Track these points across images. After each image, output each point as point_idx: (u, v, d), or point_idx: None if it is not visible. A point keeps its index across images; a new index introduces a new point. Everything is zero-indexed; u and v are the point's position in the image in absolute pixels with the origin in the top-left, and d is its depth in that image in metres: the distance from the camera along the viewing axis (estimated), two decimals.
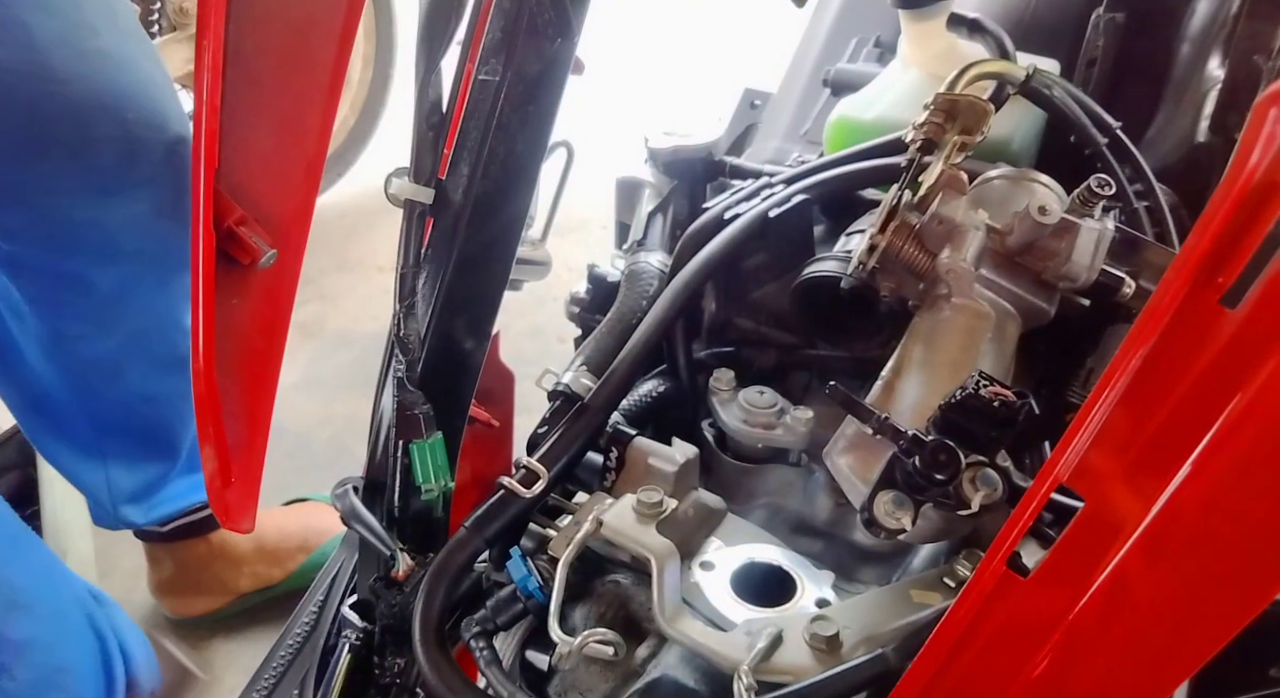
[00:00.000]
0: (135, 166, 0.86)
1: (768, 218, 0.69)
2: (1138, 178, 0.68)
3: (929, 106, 0.60)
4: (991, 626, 0.40)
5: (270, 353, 0.65)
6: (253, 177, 0.60)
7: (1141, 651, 0.39)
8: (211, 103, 0.57)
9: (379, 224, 2.22)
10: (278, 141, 0.61)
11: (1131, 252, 0.58)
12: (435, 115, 0.59)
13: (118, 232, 0.90)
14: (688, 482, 0.61)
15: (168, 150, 0.87)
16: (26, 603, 0.85)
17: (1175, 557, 0.37)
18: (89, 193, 0.86)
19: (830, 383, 0.48)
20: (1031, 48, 0.77)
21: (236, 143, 0.58)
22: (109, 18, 0.83)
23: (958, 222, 0.56)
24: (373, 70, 2.26)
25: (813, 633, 0.49)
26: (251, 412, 0.62)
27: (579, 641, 0.51)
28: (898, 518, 0.46)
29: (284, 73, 0.59)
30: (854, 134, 0.76)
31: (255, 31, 0.57)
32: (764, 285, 0.71)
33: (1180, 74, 0.84)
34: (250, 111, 0.58)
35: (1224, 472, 0.35)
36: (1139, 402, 0.36)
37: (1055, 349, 0.61)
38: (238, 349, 0.62)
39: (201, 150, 0.57)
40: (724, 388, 0.66)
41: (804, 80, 0.99)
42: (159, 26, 2.00)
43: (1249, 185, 0.33)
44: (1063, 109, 0.69)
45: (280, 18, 0.58)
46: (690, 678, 0.52)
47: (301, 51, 0.59)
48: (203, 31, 0.56)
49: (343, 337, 1.87)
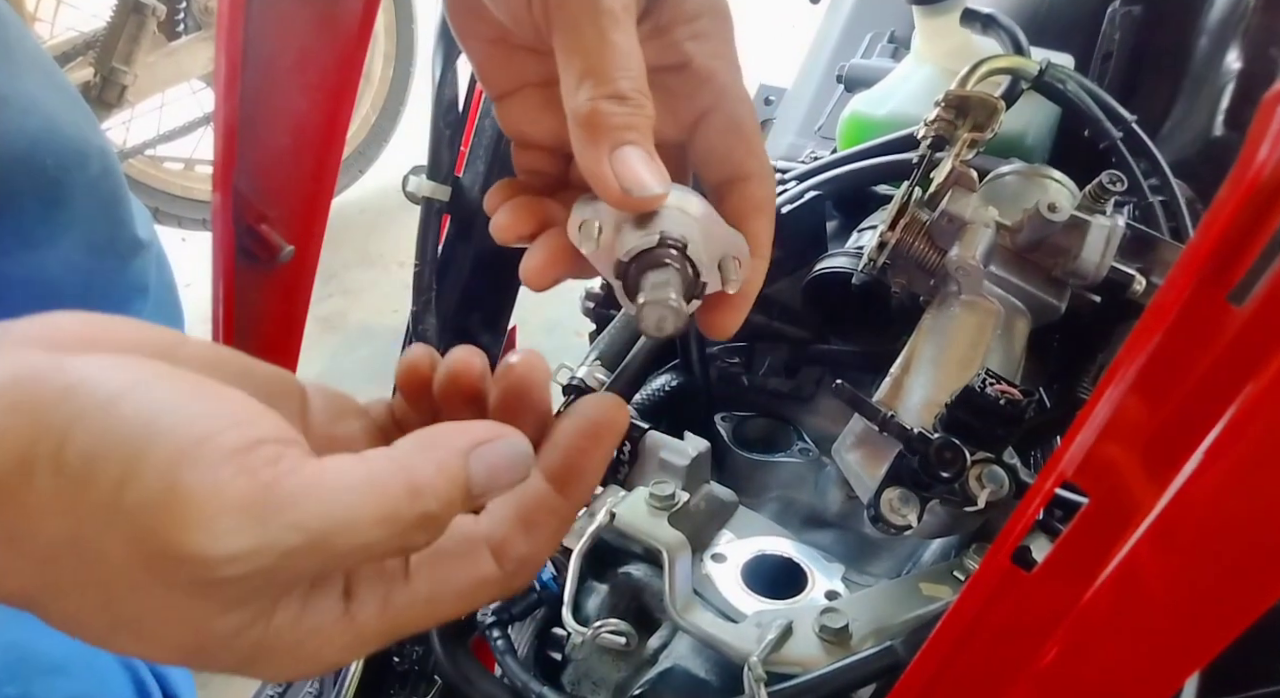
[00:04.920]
0: (62, 211, 0.79)
1: (780, 214, 0.69)
2: (1153, 172, 0.68)
3: (940, 103, 0.60)
4: (996, 619, 0.40)
5: (288, 346, 0.66)
6: (270, 174, 0.61)
7: (1152, 641, 0.39)
8: (230, 102, 0.58)
9: (400, 220, 2.24)
10: (294, 140, 0.62)
11: (1143, 248, 0.58)
12: (451, 114, 0.60)
13: (54, 280, 0.83)
14: (700, 475, 0.61)
15: (91, 186, 0.81)
16: (63, 665, 0.80)
17: (1186, 549, 0.37)
18: (17, 249, 0.79)
19: (837, 381, 0.49)
20: (1047, 42, 0.77)
21: (254, 141, 0.60)
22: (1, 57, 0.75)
23: (967, 218, 0.56)
24: (394, 68, 2.28)
25: (822, 625, 0.49)
26: None
27: (592, 631, 0.52)
28: (904, 514, 0.46)
29: (301, 73, 0.60)
30: (867, 130, 0.76)
31: (272, 32, 0.58)
32: (776, 281, 0.72)
33: (1197, 67, 0.83)
34: (268, 110, 0.60)
35: (1235, 463, 0.35)
36: (1144, 396, 0.36)
37: (1066, 345, 0.61)
38: (257, 343, 0.63)
39: (220, 149, 0.58)
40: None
41: (818, 76, 0.99)
42: (184, 26, 2.03)
43: (1256, 182, 0.34)
44: (1076, 103, 0.69)
45: (297, 18, 0.60)
46: (701, 669, 0.52)
47: (318, 52, 0.60)
48: (221, 33, 0.57)
49: (364, 330, 1.89)
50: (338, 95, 0.61)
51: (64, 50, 1.91)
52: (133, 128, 2.09)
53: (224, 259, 0.59)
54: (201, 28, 2.04)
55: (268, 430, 0.27)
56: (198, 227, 2.15)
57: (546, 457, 0.34)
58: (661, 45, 0.37)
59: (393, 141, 2.29)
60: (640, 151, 0.34)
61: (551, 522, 0.34)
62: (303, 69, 0.60)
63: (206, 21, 2.03)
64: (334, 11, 0.59)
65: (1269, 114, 0.33)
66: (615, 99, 0.33)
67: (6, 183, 0.75)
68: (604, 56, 0.33)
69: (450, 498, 0.28)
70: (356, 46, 0.60)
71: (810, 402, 0.71)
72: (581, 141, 0.34)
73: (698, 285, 0.35)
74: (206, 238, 2.11)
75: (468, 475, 0.29)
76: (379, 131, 2.30)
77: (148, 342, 0.31)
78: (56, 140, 0.77)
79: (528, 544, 0.33)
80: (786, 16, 2.62)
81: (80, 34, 1.96)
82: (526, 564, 0.33)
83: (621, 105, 0.33)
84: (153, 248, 0.90)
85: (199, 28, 2.04)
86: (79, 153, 0.79)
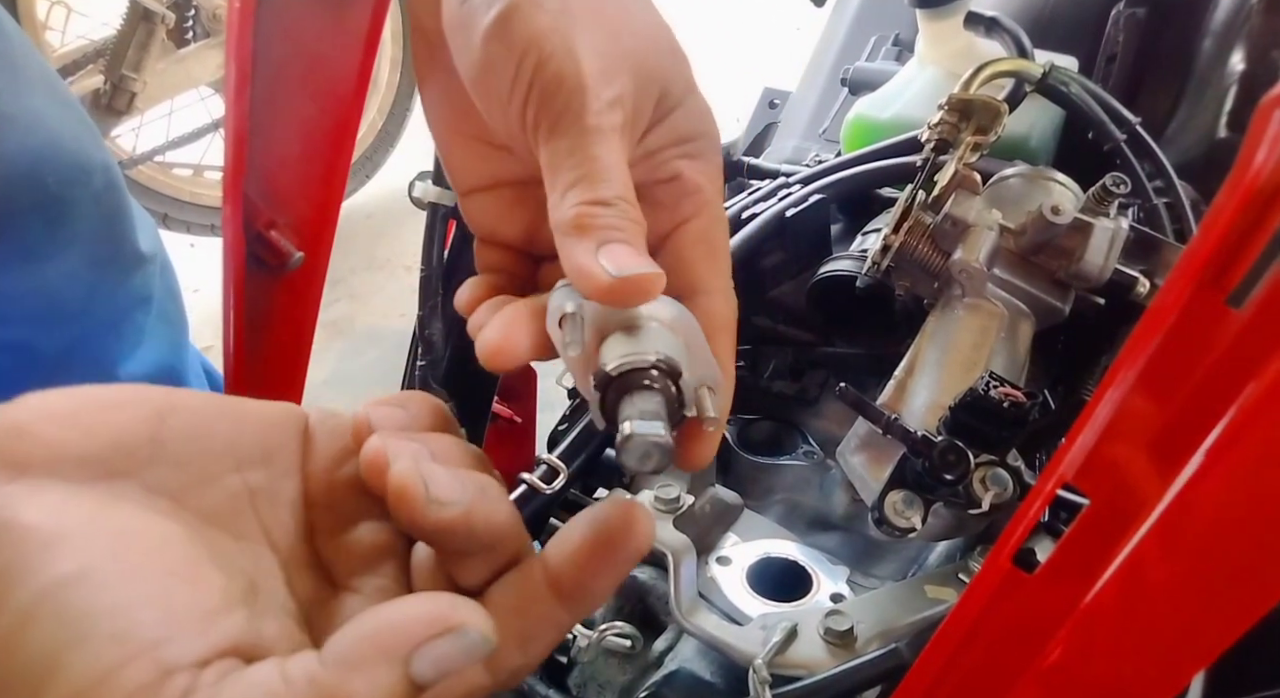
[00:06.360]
0: (65, 226, 0.79)
1: (785, 217, 0.69)
2: (1158, 174, 0.68)
3: (943, 106, 0.60)
4: (999, 620, 0.40)
5: (299, 351, 0.67)
6: (280, 181, 0.61)
7: (1156, 641, 0.39)
8: (240, 110, 0.59)
9: (407, 224, 2.26)
10: (304, 146, 0.62)
11: (1147, 250, 0.58)
12: None
13: (56, 293, 0.83)
14: (705, 478, 0.62)
15: (94, 201, 0.80)
16: None
17: (1189, 549, 0.37)
18: (19, 263, 0.79)
19: (840, 384, 0.49)
20: (1051, 45, 0.77)
21: (264, 148, 0.60)
22: (6, 75, 0.74)
23: (971, 221, 0.56)
24: (400, 73, 2.29)
25: (827, 627, 0.50)
26: None
27: (597, 633, 0.52)
28: (908, 517, 0.46)
29: (310, 79, 0.60)
30: (871, 133, 0.77)
31: (281, 39, 0.58)
32: (781, 284, 0.72)
33: (1202, 69, 0.83)
34: (277, 117, 0.60)
35: (1237, 464, 0.35)
36: (1145, 397, 0.36)
37: (1071, 347, 0.61)
38: (267, 349, 0.64)
39: (230, 156, 0.58)
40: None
41: (823, 79, 0.99)
42: (193, 33, 2.04)
43: (1255, 185, 0.34)
44: (1080, 106, 0.69)
45: (306, 25, 0.60)
46: (707, 671, 0.53)
47: (327, 58, 0.60)
48: (231, 41, 0.57)
49: (372, 335, 1.90)
50: (347, 101, 0.61)
51: (74, 58, 1.93)
52: (142, 134, 2.11)
53: (234, 266, 0.59)
54: (210, 35, 2.06)
55: (187, 651, 0.25)
56: (206, 232, 2.16)
57: (555, 564, 0.31)
58: (655, 163, 0.37)
59: (399, 147, 2.30)
60: (630, 248, 0.32)
61: (550, 634, 0.32)
62: (312, 76, 0.60)
63: (215, 29, 2.05)
64: (343, 18, 0.60)
65: (1266, 117, 0.33)
66: (602, 204, 0.33)
67: (10, 200, 0.74)
68: (592, 169, 0.33)
69: None
70: (366, 53, 0.60)
71: (815, 405, 0.71)
72: (569, 241, 0.32)
73: (679, 415, 0.32)
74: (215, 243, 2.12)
75: (408, 682, 0.27)
76: (386, 137, 2.31)
77: (131, 425, 0.30)
78: (60, 157, 0.76)
79: (523, 657, 0.31)
80: (791, 20, 2.63)
81: (90, 42, 1.97)
82: (517, 674, 0.31)
83: (609, 209, 0.33)
84: (157, 259, 0.90)
85: (207, 35, 2.06)
86: (82, 169, 0.78)
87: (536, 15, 0.34)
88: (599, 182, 0.33)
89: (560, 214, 0.33)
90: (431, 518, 0.30)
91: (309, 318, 0.66)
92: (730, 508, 0.61)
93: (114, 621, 0.25)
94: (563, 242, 0.33)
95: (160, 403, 0.31)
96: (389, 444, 0.31)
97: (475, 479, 0.32)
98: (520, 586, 0.32)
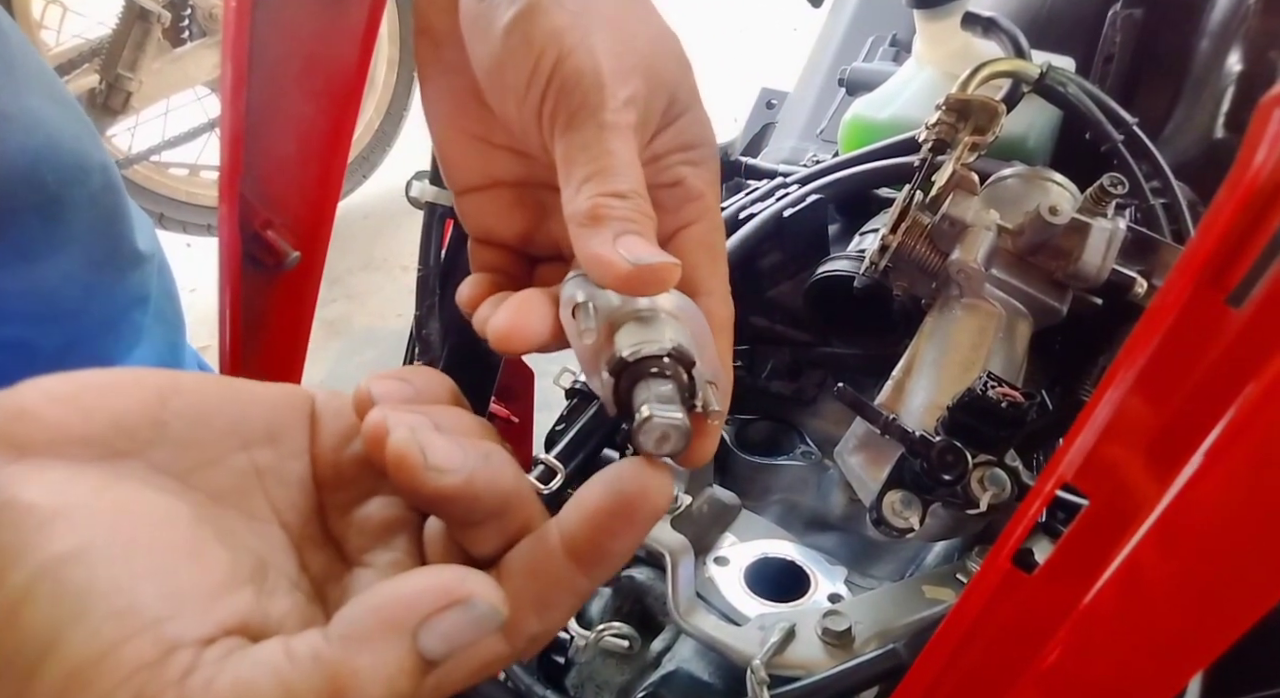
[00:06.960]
0: (63, 226, 0.80)
1: (782, 218, 0.69)
2: (1155, 174, 0.68)
3: (941, 107, 0.60)
4: (997, 621, 0.40)
5: (295, 351, 0.66)
6: (276, 181, 0.61)
7: (1154, 641, 0.39)
8: (236, 109, 0.58)
9: (404, 224, 2.25)
10: (301, 146, 0.62)
11: (1145, 250, 0.58)
12: None
13: (53, 292, 0.83)
14: (703, 478, 0.62)
15: (91, 201, 0.80)
16: None
17: (1188, 549, 0.37)
18: (17, 262, 0.79)
19: (838, 385, 0.49)
20: (1048, 45, 0.77)
21: (260, 148, 0.60)
22: (4, 74, 0.74)
23: (969, 222, 0.56)
24: (397, 73, 2.29)
25: (825, 628, 0.50)
26: None
27: (595, 634, 0.52)
28: (906, 518, 0.46)
29: (306, 79, 0.60)
30: (868, 133, 0.77)
31: (278, 39, 0.58)
32: (779, 284, 0.72)
33: (1199, 69, 0.83)
34: (273, 117, 0.60)
35: (1235, 464, 0.35)
36: (1144, 398, 0.36)
37: (1068, 348, 0.61)
38: (264, 348, 0.64)
39: (226, 156, 0.58)
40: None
41: (820, 79, 0.99)
42: (189, 33, 2.04)
43: (1254, 185, 0.34)
44: (1078, 106, 0.69)
45: (302, 25, 0.60)
46: (705, 671, 0.53)
47: (323, 58, 0.60)
48: (227, 40, 0.57)
49: (369, 335, 1.90)
50: (343, 101, 0.61)
51: (69, 57, 1.92)
52: (137, 134, 2.10)
53: (231, 266, 0.59)
54: (206, 34, 2.05)
55: (190, 628, 0.25)
56: (202, 232, 2.16)
57: (571, 528, 0.31)
58: (660, 167, 0.38)
59: (396, 146, 2.30)
60: (644, 240, 0.33)
61: (569, 600, 0.31)
62: (308, 75, 0.60)
63: (211, 28, 2.05)
64: (339, 18, 0.60)
65: (1265, 117, 0.33)
66: (618, 197, 0.33)
67: (8, 199, 0.74)
68: (609, 163, 0.34)
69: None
70: (362, 53, 0.60)
71: (812, 405, 0.71)
72: (586, 232, 0.33)
73: (690, 404, 0.33)
74: (211, 243, 2.12)
75: (416, 656, 0.26)
76: (382, 136, 2.31)
77: (133, 407, 0.30)
78: (58, 156, 0.77)
79: (541, 624, 0.31)
80: (788, 20, 2.63)
81: (86, 41, 1.97)
82: (537, 641, 0.31)
83: (624, 201, 0.33)
84: (154, 259, 0.90)
85: (203, 34, 2.06)
86: (80, 168, 0.79)
87: (558, 13, 0.35)
88: (615, 175, 0.34)
89: (576, 206, 0.34)
90: (431, 485, 0.30)
91: (305, 318, 0.66)
92: (728, 508, 0.61)
93: (114, 598, 0.24)
94: (578, 233, 0.33)
95: (162, 385, 0.31)
96: (389, 416, 0.31)
97: (479, 446, 0.31)
98: (535, 551, 0.31)
